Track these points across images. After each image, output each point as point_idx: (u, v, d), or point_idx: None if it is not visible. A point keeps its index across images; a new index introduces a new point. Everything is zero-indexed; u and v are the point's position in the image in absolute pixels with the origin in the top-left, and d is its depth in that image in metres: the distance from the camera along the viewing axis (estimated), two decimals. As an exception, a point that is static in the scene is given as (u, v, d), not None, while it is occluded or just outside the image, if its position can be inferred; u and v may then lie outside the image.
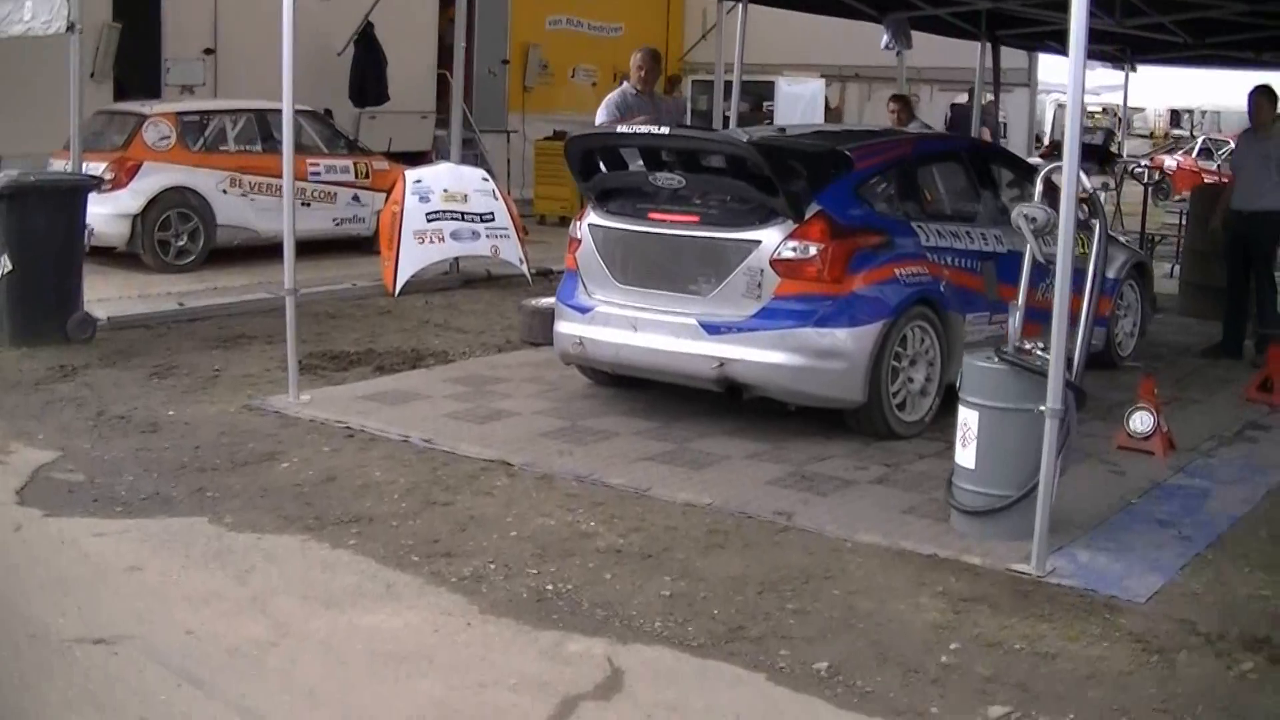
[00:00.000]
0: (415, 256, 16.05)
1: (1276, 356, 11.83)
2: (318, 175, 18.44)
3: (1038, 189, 8.50)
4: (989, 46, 19.88)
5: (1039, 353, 7.74)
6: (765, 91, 26.38)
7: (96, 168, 15.48)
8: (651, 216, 10.40)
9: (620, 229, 10.55)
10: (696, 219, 10.22)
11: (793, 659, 6.31)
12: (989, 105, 21.75)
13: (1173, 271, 18.82)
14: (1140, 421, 10.01)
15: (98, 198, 13.88)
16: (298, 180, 12.51)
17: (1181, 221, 19.78)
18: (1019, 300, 8.17)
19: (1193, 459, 9.94)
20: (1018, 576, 7.38)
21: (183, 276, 16.72)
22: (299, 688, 5.97)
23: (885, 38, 17.52)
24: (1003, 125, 26.00)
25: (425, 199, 16.19)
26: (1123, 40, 18.76)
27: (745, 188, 9.95)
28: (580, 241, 10.80)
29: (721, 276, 9.92)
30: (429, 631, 6.59)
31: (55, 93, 15.36)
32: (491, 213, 16.66)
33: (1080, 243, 9.21)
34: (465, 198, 16.51)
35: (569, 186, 21.94)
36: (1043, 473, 7.36)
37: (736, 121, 17.30)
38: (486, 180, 17.17)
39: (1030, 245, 8.11)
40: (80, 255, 13.17)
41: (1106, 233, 8.62)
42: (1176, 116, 60.42)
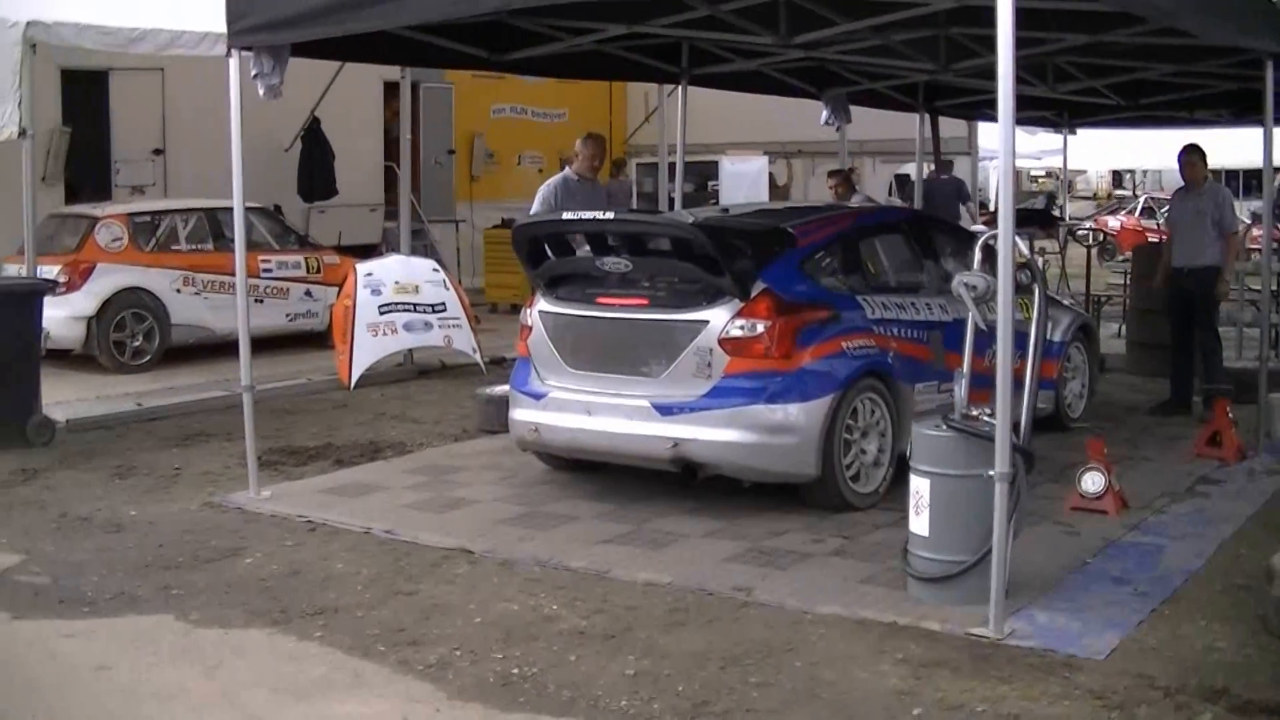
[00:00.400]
0: (369, 349, 16.09)
1: (1223, 411, 11.99)
2: (270, 271, 18.52)
3: (976, 257, 8.66)
4: (928, 117, 20.14)
5: (986, 418, 7.86)
6: (710, 171, 26.53)
7: (50, 270, 15.52)
8: (600, 301, 10.52)
9: (570, 314, 10.66)
10: (645, 301, 10.34)
11: (758, 731, 6.40)
12: (933, 175, 21.94)
13: (1120, 331, 19.02)
14: (1092, 482, 10.14)
15: (52, 300, 13.91)
16: (250, 277, 12.61)
17: (1126, 281, 19.99)
18: (964, 368, 8.30)
19: (1145, 516, 10.07)
20: (977, 640, 7.47)
21: (139, 376, 16.78)
22: (272, 780, 6.04)
23: (825, 114, 17.70)
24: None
25: (377, 291, 16.25)
26: (1060, 105, 19.01)
27: (691, 269, 10.07)
28: (531, 328, 10.90)
29: (672, 357, 10.03)
30: (398, 719, 6.66)
31: (5, 197, 15.46)
32: (443, 303, 16.72)
33: (1022, 307, 9.39)
34: (417, 289, 16.58)
35: (519, 274, 21.81)
36: (995, 536, 7.47)
37: (682, 202, 17.48)
38: (437, 271, 17.23)
39: (971, 313, 8.25)
40: (37, 359, 13.21)
41: (1046, 296, 8.79)
42: (1119, 177, 60.82)
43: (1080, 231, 27.08)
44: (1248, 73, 12.50)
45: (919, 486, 8.04)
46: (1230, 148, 20.30)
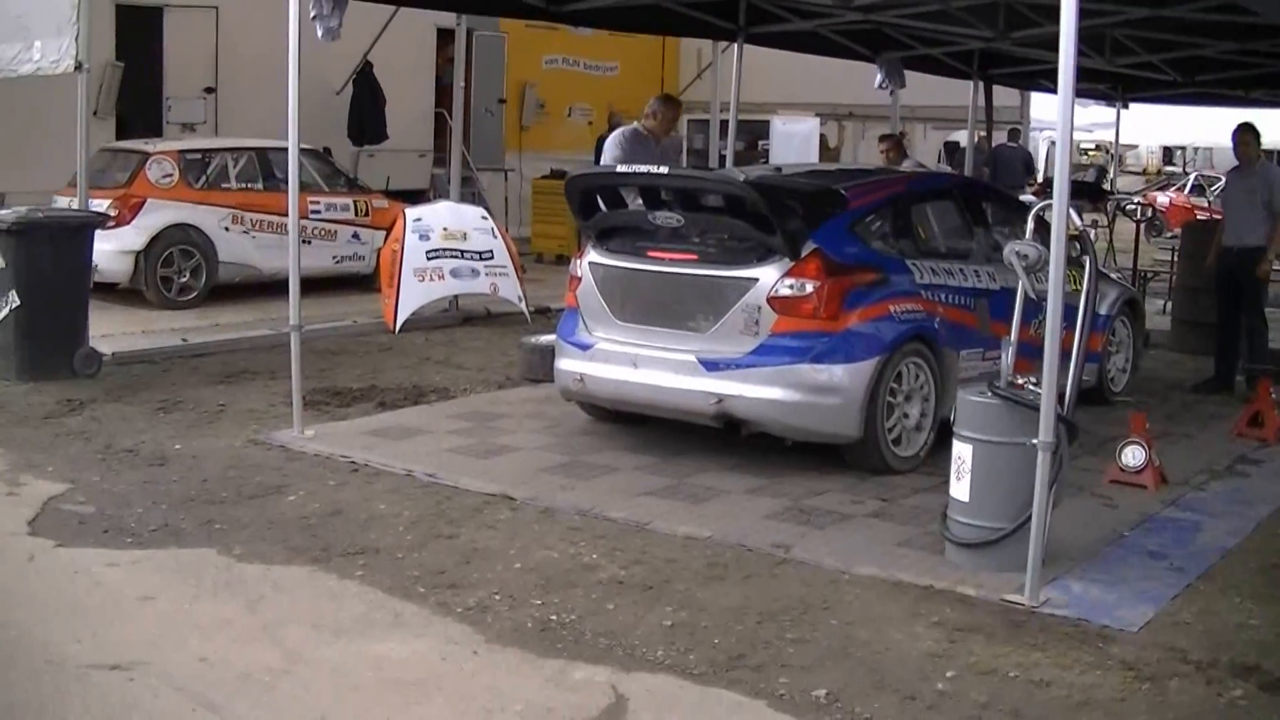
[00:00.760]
0: (415, 294, 16.19)
1: (1266, 392, 11.97)
2: (318, 213, 18.59)
3: (1029, 226, 8.68)
4: (982, 85, 20.09)
5: (1031, 387, 7.88)
6: (760, 130, 26.52)
7: (100, 205, 15.57)
8: (650, 254, 10.55)
9: (620, 267, 10.70)
10: (695, 257, 10.37)
11: (792, 686, 6.44)
12: (1001, 143, 21.87)
13: (1165, 307, 18.95)
14: (1132, 456, 10.14)
15: (101, 234, 13.94)
16: (299, 218, 12.69)
17: (1173, 258, 19.92)
18: (1011, 336, 8.31)
19: (1184, 493, 10.07)
20: (1011, 607, 7.51)
21: (185, 313, 16.93)
22: (311, 713, 6.10)
23: (879, 77, 17.68)
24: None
25: (425, 237, 16.33)
26: (1114, 79, 18.95)
27: (743, 226, 10.10)
28: (580, 279, 10.94)
29: (720, 314, 10.07)
30: (436, 659, 6.73)
31: (58, 131, 15.55)
32: (491, 251, 16.79)
33: (1071, 279, 9.38)
34: (465, 236, 16.65)
35: (566, 225, 22.09)
36: (1036, 505, 7.49)
37: (733, 160, 17.47)
38: (485, 219, 17.31)
39: (1022, 282, 8.26)
40: (86, 291, 13.34)
41: (1097, 269, 8.80)
42: (1169, 153, 60.63)
43: (1129, 207, 26.87)
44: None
45: (961, 452, 8.06)
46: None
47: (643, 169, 10.71)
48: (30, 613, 7.22)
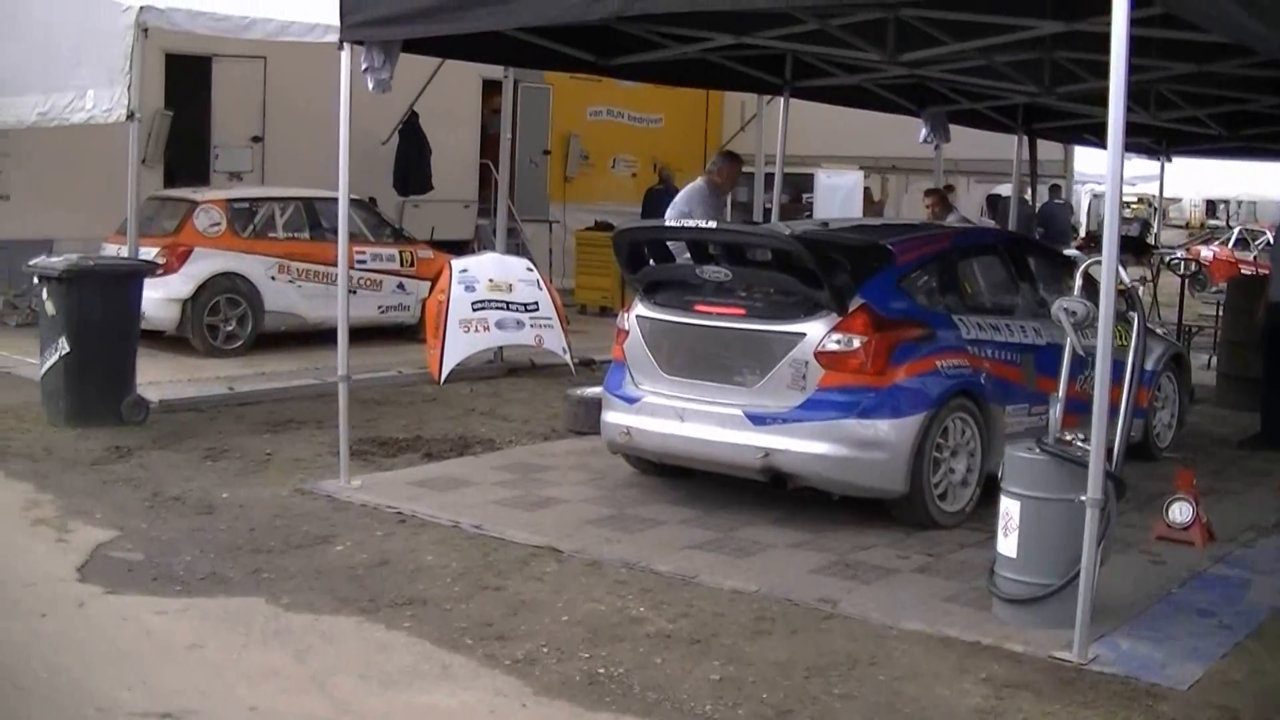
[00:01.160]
0: (461, 345, 16.25)
1: (1312, 449, 11.94)
2: (364, 263, 18.64)
3: (1077, 283, 8.69)
4: (1026, 139, 20.11)
5: (1079, 444, 7.88)
6: (805, 183, 26.53)
7: (148, 253, 15.64)
8: (698, 309, 10.59)
9: (667, 320, 10.74)
10: (742, 311, 10.40)
11: (840, 742, 6.45)
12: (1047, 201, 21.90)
13: (1210, 362, 18.90)
14: (1180, 512, 10.11)
15: (149, 282, 14.07)
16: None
17: (1218, 312, 19.88)
18: (1059, 392, 8.33)
19: (1232, 549, 10.03)
20: (1060, 663, 7.48)
21: (231, 361, 16.99)
22: (361, 764, 6.13)
23: (924, 131, 17.71)
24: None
25: (471, 288, 16.40)
26: (1158, 133, 18.96)
27: (790, 281, 10.13)
28: (628, 333, 10.98)
29: (767, 368, 10.10)
30: (485, 712, 6.74)
31: (107, 178, 15.71)
32: (536, 302, 16.86)
33: (1119, 335, 9.38)
34: (510, 287, 16.73)
35: (610, 276, 22.17)
36: (1084, 561, 7.47)
37: (778, 214, 17.50)
38: (531, 270, 17.38)
39: (1070, 338, 8.27)
40: (135, 339, 13.45)
41: (1145, 325, 8.79)
42: (1212, 206, 60.48)
43: (1173, 261, 26.83)
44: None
45: (1009, 508, 8.06)
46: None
47: (690, 223, 10.77)
48: (79, 659, 7.26)
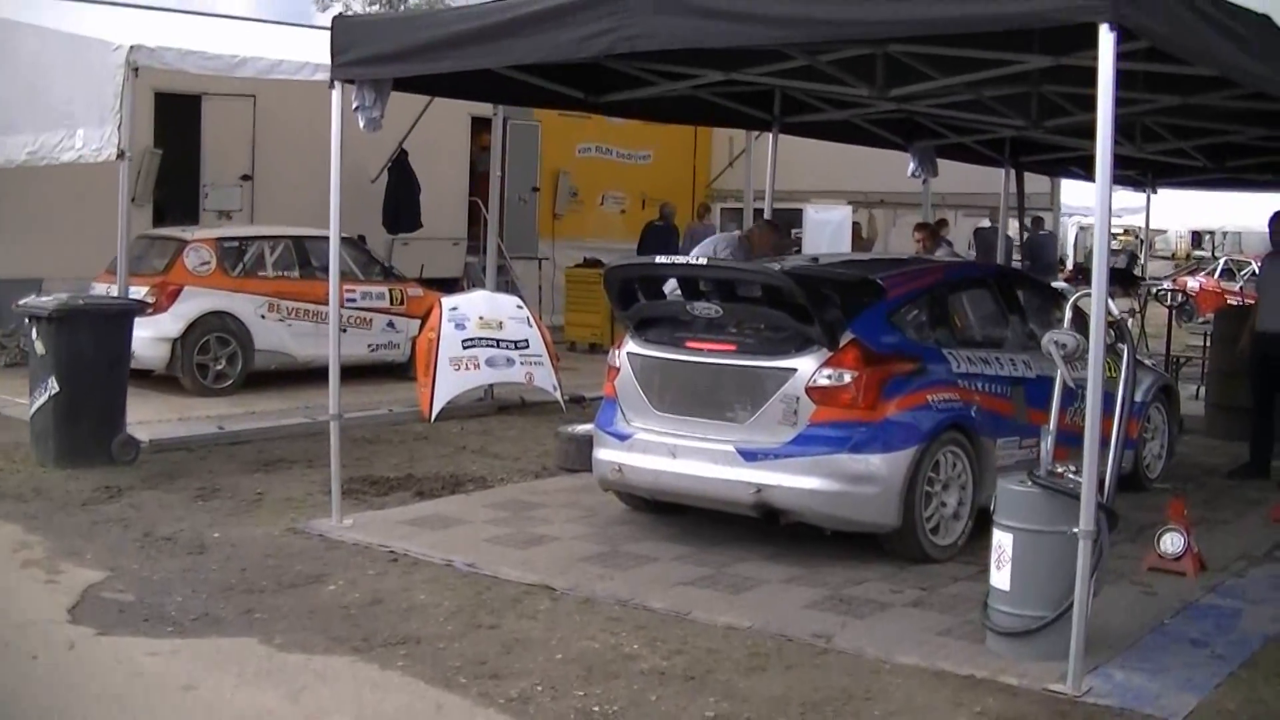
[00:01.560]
0: (451, 383, 16.26)
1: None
2: (354, 301, 18.56)
3: (1066, 315, 8.71)
4: (1013, 172, 20.17)
5: (1071, 476, 7.90)
6: (793, 219, 26.48)
7: (138, 291, 15.63)
8: (689, 345, 10.60)
9: (658, 357, 10.75)
10: (733, 347, 10.41)
11: (837, 777, 6.45)
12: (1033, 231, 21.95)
13: (1198, 393, 18.93)
14: (1171, 542, 10.12)
15: (138, 321, 14.04)
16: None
17: (1206, 343, 19.91)
18: (1050, 424, 8.35)
19: (1224, 579, 10.05)
20: (1054, 696, 7.48)
21: (221, 400, 16.95)
22: (357, 805, 6.12)
23: (912, 166, 17.75)
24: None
25: (461, 326, 16.42)
26: (1144, 165, 19.01)
27: (781, 316, 10.15)
28: (619, 370, 10.99)
29: (758, 404, 10.11)
30: (480, 751, 6.75)
31: (96, 217, 15.71)
32: (526, 340, 16.87)
33: (1108, 367, 9.40)
34: (500, 325, 16.74)
35: (600, 313, 22.18)
36: (1077, 593, 7.49)
37: (768, 249, 17.54)
38: (521, 308, 17.37)
39: (1061, 371, 8.29)
40: (125, 378, 13.43)
41: (1134, 357, 8.82)
42: (1198, 238, 60.65)
43: (1160, 292, 26.86)
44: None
45: (1002, 541, 8.07)
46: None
47: (680, 260, 10.78)
48: (72, 702, 7.25)
